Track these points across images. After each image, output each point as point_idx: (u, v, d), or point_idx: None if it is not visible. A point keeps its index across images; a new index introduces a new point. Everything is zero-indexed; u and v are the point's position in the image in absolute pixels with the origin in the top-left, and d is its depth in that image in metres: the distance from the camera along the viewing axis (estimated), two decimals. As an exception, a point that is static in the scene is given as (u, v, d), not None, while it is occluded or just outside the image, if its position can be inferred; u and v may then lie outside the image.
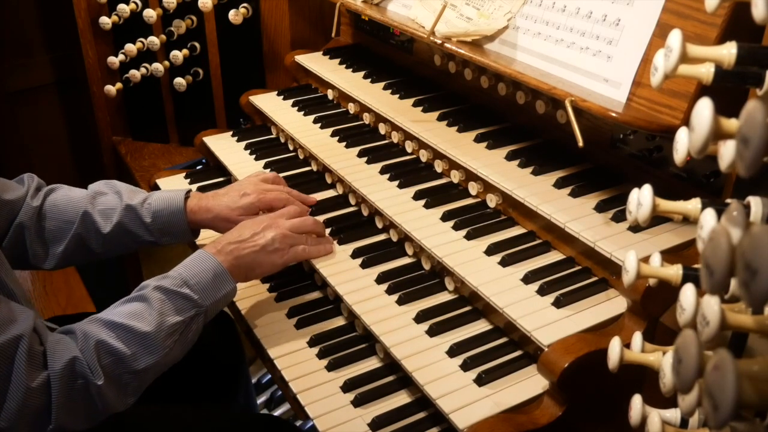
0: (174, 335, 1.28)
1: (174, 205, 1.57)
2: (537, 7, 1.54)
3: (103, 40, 2.55)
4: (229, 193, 1.63)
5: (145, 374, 1.25)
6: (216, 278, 1.36)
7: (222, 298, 1.37)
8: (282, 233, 1.48)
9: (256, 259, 1.44)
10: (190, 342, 1.34)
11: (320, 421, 1.29)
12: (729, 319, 0.67)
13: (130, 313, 1.26)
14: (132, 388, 1.25)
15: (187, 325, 1.31)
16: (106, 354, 1.20)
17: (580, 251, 1.41)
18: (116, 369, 1.21)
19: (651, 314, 1.22)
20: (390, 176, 1.72)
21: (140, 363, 1.23)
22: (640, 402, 0.87)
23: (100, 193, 1.59)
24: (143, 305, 1.28)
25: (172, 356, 1.30)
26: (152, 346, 1.25)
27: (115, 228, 1.54)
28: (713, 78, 0.79)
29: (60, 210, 1.54)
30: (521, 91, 1.69)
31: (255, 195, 1.61)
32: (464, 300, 1.45)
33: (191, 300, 1.32)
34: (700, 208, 0.84)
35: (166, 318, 1.27)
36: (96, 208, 1.55)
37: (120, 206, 1.55)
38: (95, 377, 1.18)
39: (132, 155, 2.62)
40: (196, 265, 1.37)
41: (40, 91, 3.20)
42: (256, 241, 1.45)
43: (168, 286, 1.31)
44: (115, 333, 1.23)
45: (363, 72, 2.11)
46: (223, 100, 2.53)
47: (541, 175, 1.53)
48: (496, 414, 1.19)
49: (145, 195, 1.59)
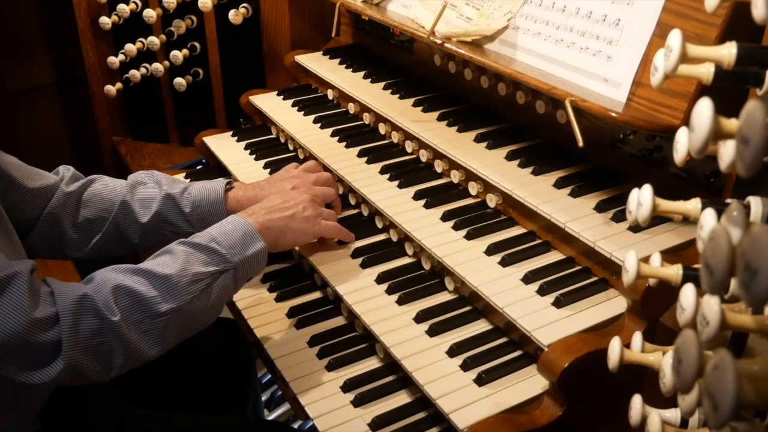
0: (199, 284, 1.25)
1: (214, 195, 1.56)
2: (537, 7, 1.54)
3: (103, 40, 2.55)
4: (275, 185, 1.61)
5: (168, 320, 1.21)
6: (245, 237, 1.34)
7: (251, 258, 1.34)
8: (311, 197, 1.50)
9: (288, 224, 1.44)
10: (217, 301, 1.30)
11: (320, 421, 1.29)
12: (729, 319, 0.67)
13: (154, 262, 1.26)
14: (154, 335, 1.20)
15: (214, 278, 1.28)
16: (124, 296, 1.18)
17: (580, 251, 1.41)
18: (136, 312, 1.18)
19: (651, 314, 1.22)
20: (390, 176, 1.72)
21: (162, 306, 1.20)
22: (640, 402, 0.87)
23: (140, 182, 1.58)
24: (168, 256, 1.27)
25: (197, 308, 1.26)
26: (174, 290, 1.22)
27: (153, 217, 1.53)
28: (713, 78, 0.79)
29: (99, 199, 1.53)
30: (521, 91, 1.69)
31: (304, 189, 1.59)
32: (464, 300, 1.45)
33: (219, 254, 1.30)
34: (700, 208, 0.84)
35: (191, 266, 1.25)
36: (135, 197, 1.54)
37: (159, 195, 1.54)
38: (110, 314, 1.15)
39: (132, 155, 2.62)
40: (225, 225, 1.36)
41: (40, 91, 3.20)
42: (287, 206, 1.46)
43: (196, 241, 1.31)
44: (136, 277, 1.21)
45: (363, 72, 2.11)
46: (223, 100, 2.54)
47: (541, 175, 1.53)
48: (496, 414, 1.19)
49: (185, 185, 1.58)
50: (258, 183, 1.65)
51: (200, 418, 1.58)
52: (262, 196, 1.57)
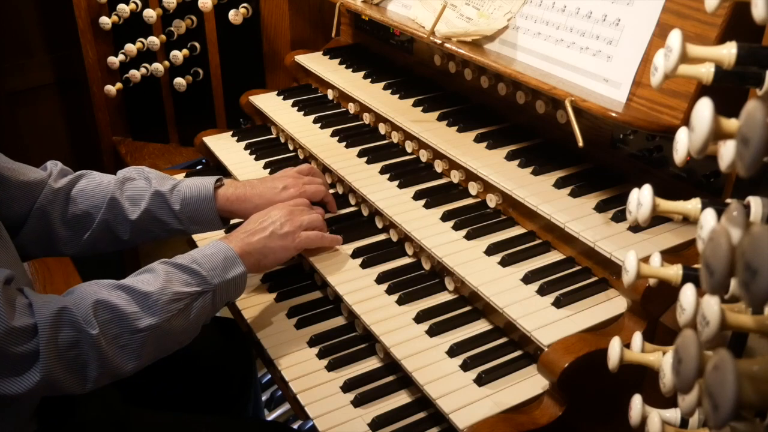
0: (178, 303, 1.26)
1: (203, 192, 1.55)
2: (537, 7, 1.54)
3: (103, 40, 2.55)
4: (266, 183, 1.61)
5: (145, 337, 1.22)
6: (226, 260, 1.36)
7: (231, 282, 1.36)
8: (288, 211, 1.48)
9: (267, 244, 1.44)
10: (195, 321, 1.31)
11: (320, 421, 1.29)
12: (729, 319, 0.67)
13: (136, 279, 1.27)
14: (130, 351, 1.21)
15: (194, 299, 1.30)
16: (104, 310, 1.19)
17: (580, 251, 1.41)
18: (114, 326, 1.19)
19: (651, 314, 1.22)
20: (390, 176, 1.72)
21: (141, 322, 1.21)
22: (640, 402, 0.87)
23: (129, 178, 1.56)
24: (149, 274, 1.29)
25: (175, 327, 1.27)
26: (154, 307, 1.23)
27: (143, 214, 1.52)
28: (713, 78, 0.79)
29: (87, 195, 1.52)
30: (521, 91, 1.69)
31: (295, 189, 1.60)
32: (464, 300, 1.45)
33: (199, 275, 1.31)
34: (700, 208, 0.84)
35: (172, 286, 1.27)
36: (124, 194, 1.53)
37: (149, 192, 1.53)
38: (89, 327, 1.16)
39: (132, 155, 2.62)
40: (207, 249, 1.38)
41: (40, 91, 3.20)
42: (264, 226, 1.45)
43: (178, 261, 1.32)
44: (117, 292, 1.22)
45: (363, 72, 2.11)
46: (223, 100, 2.54)
47: (541, 175, 1.53)
48: (496, 414, 1.19)
49: (174, 182, 1.57)
50: (249, 181, 1.65)
51: (199, 419, 1.58)
52: (252, 195, 1.57)
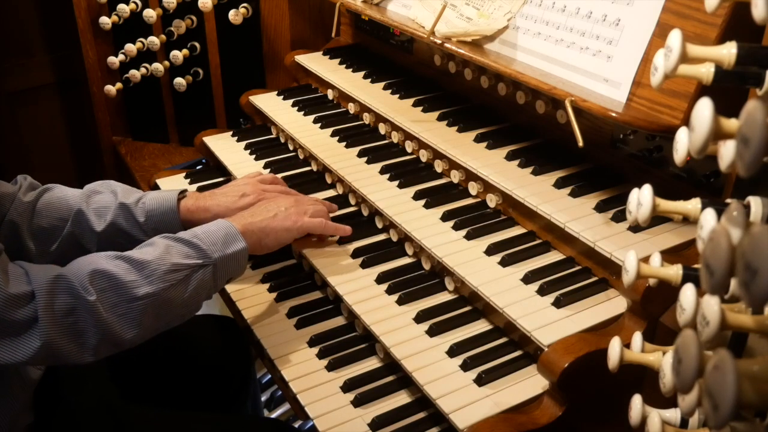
0: (177, 273, 1.28)
1: (167, 204, 1.56)
2: (537, 7, 1.54)
3: (103, 40, 2.55)
4: (227, 193, 1.62)
5: (144, 305, 1.23)
6: (227, 236, 1.38)
7: (232, 256, 1.37)
8: (295, 200, 1.51)
9: (270, 224, 1.46)
10: (194, 295, 1.32)
11: (320, 421, 1.29)
12: (729, 319, 0.67)
13: (135, 251, 1.29)
14: (130, 318, 1.22)
15: (193, 271, 1.31)
16: (101, 278, 1.20)
17: (580, 251, 1.41)
18: (112, 294, 1.20)
19: (651, 314, 1.22)
20: (390, 176, 1.72)
21: (138, 290, 1.22)
22: (640, 402, 0.87)
23: (96, 192, 1.57)
24: (150, 247, 1.30)
25: (173, 297, 1.27)
26: (152, 276, 1.24)
27: (108, 227, 1.53)
28: (713, 78, 0.79)
29: (54, 208, 1.53)
30: (521, 91, 1.69)
31: (254, 196, 1.61)
32: (464, 300, 1.45)
33: (199, 248, 1.33)
34: (700, 208, 0.84)
35: (171, 257, 1.29)
36: (90, 206, 1.54)
37: (114, 205, 1.54)
38: (86, 293, 1.17)
39: (132, 155, 2.62)
40: (210, 225, 1.40)
41: (40, 91, 3.20)
42: (269, 209, 1.49)
43: (179, 235, 1.34)
44: (115, 261, 1.24)
45: (363, 72, 2.11)
46: (223, 100, 2.54)
47: (541, 175, 1.53)
48: (496, 414, 1.19)
49: (140, 194, 1.58)
50: (212, 191, 1.66)
51: (196, 415, 1.58)
52: (211, 204, 1.58)
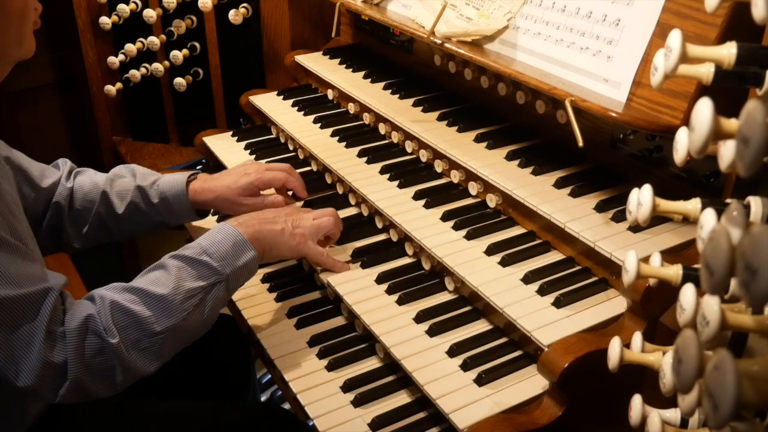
0: (192, 299, 1.28)
1: (177, 186, 1.63)
2: (537, 7, 1.54)
3: (103, 40, 2.55)
4: (231, 173, 1.68)
5: (164, 338, 1.25)
6: (236, 246, 1.36)
7: (242, 267, 1.37)
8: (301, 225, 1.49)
9: (275, 238, 1.45)
10: (211, 312, 1.33)
11: (320, 421, 1.29)
12: (729, 319, 0.67)
13: (148, 280, 1.29)
14: (152, 352, 1.25)
15: (207, 292, 1.31)
16: (121, 315, 1.22)
17: (580, 251, 1.41)
18: (134, 332, 1.22)
19: (651, 314, 1.22)
20: (390, 176, 1.72)
21: (158, 325, 1.24)
22: (640, 402, 0.87)
23: (119, 175, 1.67)
24: (161, 272, 1.30)
25: (192, 322, 1.29)
26: (169, 308, 1.25)
27: (127, 208, 1.62)
28: (713, 78, 0.79)
29: (85, 191, 1.63)
30: (521, 91, 1.69)
31: (255, 174, 1.65)
32: (464, 300, 1.45)
33: (210, 267, 1.32)
34: (700, 208, 0.84)
35: (184, 283, 1.29)
36: (114, 189, 1.63)
37: (132, 187, 1.63)
38: (109, 336, 1.19)
39: (132, 155, 2.62)
40: (216, 234, 1.38)
41: (40, 91, 3.20)
42: (276, 221, 1.47)
43: (187, 254, 1.33)
44: (132, 296, 1.25)
45: (363, 72, 2.11)
46: (223, 100, 2.54)
47: (541, 175, 1.53)
48: (496, 414, 1.19)
49: (156, 177, 1.67)
50: (219, 173, 1.71)
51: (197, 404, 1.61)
52: (214, 185, 1.64)
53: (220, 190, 1.63)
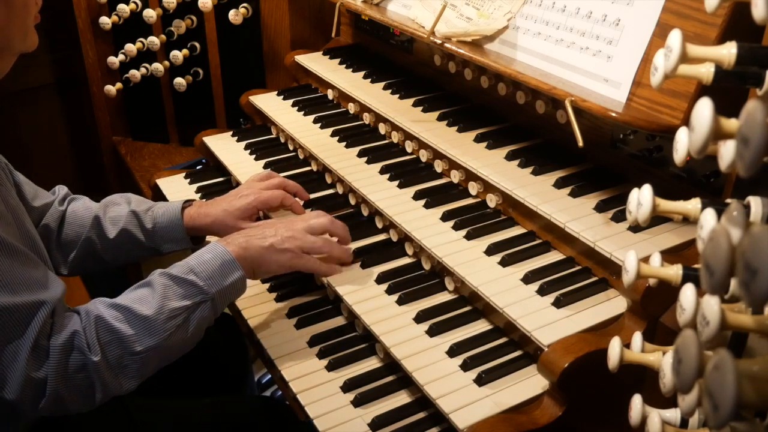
0: (176, 319, 1.28)
1: (172, 212, 1.62)
2: (537, 7, 1.54)
3: (103, 40, 2.55)
4: (227, 197, 1.66)
5: (146, 357, 1.25)
6: (223, 266, 1.35)
7: (230, 287, 1.36)
8: (292, 234, 1.45)
9: (263, 255, 1.42)
10: (196, 331, 1.33)
11: (320, 421, 1.28)
12: (729, 319, 0.67)
13: (134, 298, 1.29)
14: (132, 370, 1.25)
15: (191, 311, 1.30)
16: (105, 332, 1.22)
17: (580, 251, 1.41)
18: (116, 349, 1.22)
19: (651, 314, 1.22)
20: (390, 176, 1.72)
21: (140, 344, 1.24)
22: (640, 402, 0.87)
23: (114, 202, 1.66)
24: (147, 290, 1.30)
25: (175, 342, 1.29)
26: (152, 329, 1.25)
27: (119, 234, 1.60)
28: (713, 78, 0.79)
29: (77, 216, 1.62)
30: (521, 91, 1.69)
31: (252, 196, 1.63)
32: (464, 300, 1.45)
33: (196, 286, 1.32)
34: (700, 208, 0.84)
35: (169, 302, 1.28)
36: (107, 215, 1.62)
37: (126, 212, 1.62)
38: (92, 353, 1.19)
39: (132, 155, 2.62)
40: (205, 254, 1.37)
41: (40, 91, 3.20)
42: (265, 236, 1.44)
43: (174, 272, 1.33)
44: (117, 313, 1.25)
45: (363, 72, 2.11)
46: (223, 100, 2.54)
47: (541, 175, 1.53)
48: (496, 414, 1.19)
49: (151, 204, 1.66)
50: (215, 199, 1.69)
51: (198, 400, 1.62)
52: (210, 210, 1.62)
53: (217, 214, 1.61)
